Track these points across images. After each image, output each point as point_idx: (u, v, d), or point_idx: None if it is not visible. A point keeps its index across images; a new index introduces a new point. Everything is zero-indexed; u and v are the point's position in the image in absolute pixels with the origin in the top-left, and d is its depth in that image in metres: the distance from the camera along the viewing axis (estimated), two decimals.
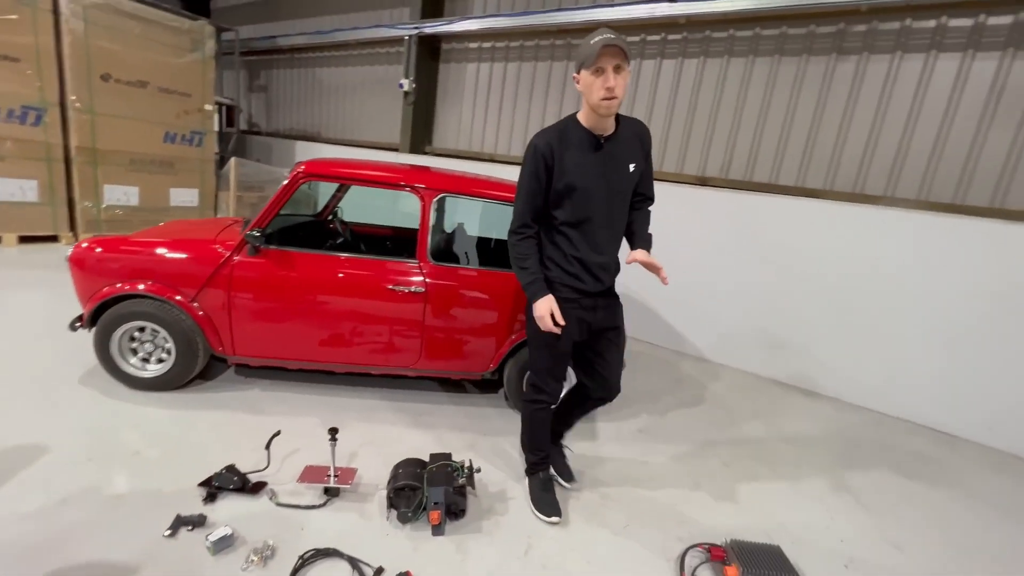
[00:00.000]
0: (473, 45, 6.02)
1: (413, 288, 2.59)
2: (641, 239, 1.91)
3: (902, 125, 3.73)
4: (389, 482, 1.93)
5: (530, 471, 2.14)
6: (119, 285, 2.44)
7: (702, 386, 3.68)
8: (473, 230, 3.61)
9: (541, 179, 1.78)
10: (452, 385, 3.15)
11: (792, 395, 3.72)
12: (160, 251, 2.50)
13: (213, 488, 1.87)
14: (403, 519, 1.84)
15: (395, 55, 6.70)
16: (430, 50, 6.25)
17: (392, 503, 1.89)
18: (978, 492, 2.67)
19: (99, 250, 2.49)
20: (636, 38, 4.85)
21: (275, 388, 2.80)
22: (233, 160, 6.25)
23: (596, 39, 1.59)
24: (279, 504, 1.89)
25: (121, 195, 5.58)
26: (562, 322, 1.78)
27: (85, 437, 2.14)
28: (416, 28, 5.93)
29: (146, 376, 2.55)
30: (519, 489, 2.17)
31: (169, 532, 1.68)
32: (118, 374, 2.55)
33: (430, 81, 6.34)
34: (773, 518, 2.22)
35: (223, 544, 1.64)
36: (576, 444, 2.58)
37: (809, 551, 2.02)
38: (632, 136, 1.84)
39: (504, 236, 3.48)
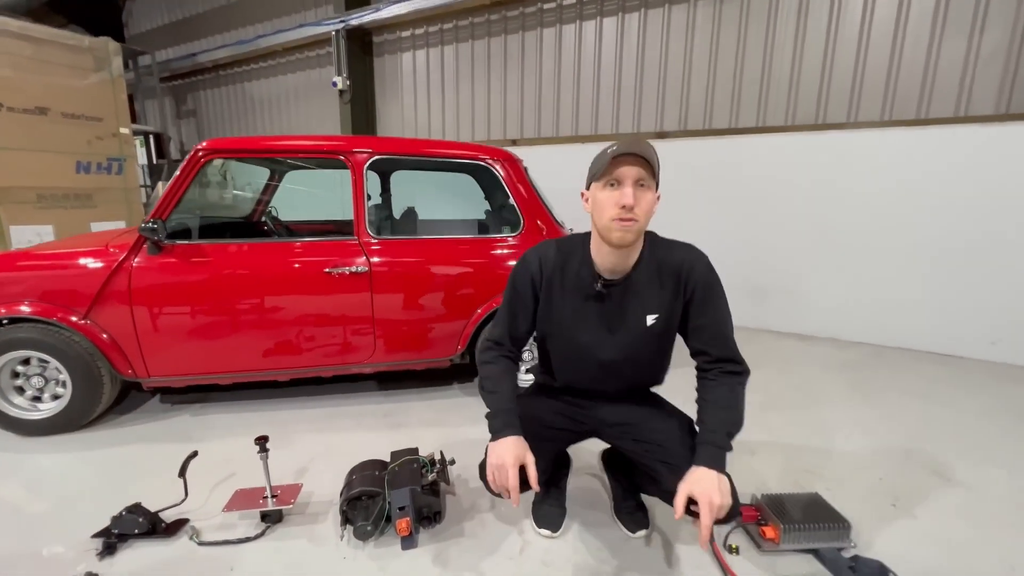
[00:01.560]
0: (405, 33, 5.71)
1: (354, 268, 2.22)
2: (707, 444, 1.21)
3: (854, 47, 3.59)
4: (342, 493, 1.55)
5: None
6: None
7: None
8: (420, 201, 3.25)
9: (527, 304, 1.39)
10: (420, 380, 2.77)
11: (787, 340, 3.50)
12: (38, 263, 2.06)
13: (112, 538, 1.45)
14: (362, 535, 1.46)
15: (326, 57, 6.32)
16: (361, 45, 5.90)
17: (347, 518, 1.50)
18: (1004, 404, 2.46)
19: None
20: (572, 0, 4.63)
21: (209, 411, 2.37)
22: (161, 184, 5.73)
23: (614, 147, 1.18)
24: (201, 543, 1.48)
25: (33, 235, 4.97)
26: (533, 483, 1.23)
27: None
28: (342, 22, 5.57)
29: (38, 418, 2.09)
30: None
31: None
32: (4, 421, 2.07)
33: (366, 77, 5.99)
34: (798, 464, 1.93)
35: None
36: None
37: (848, 494, 1.73)
38: (658, 273, 1.31)
39: (455, 201, 3.16)
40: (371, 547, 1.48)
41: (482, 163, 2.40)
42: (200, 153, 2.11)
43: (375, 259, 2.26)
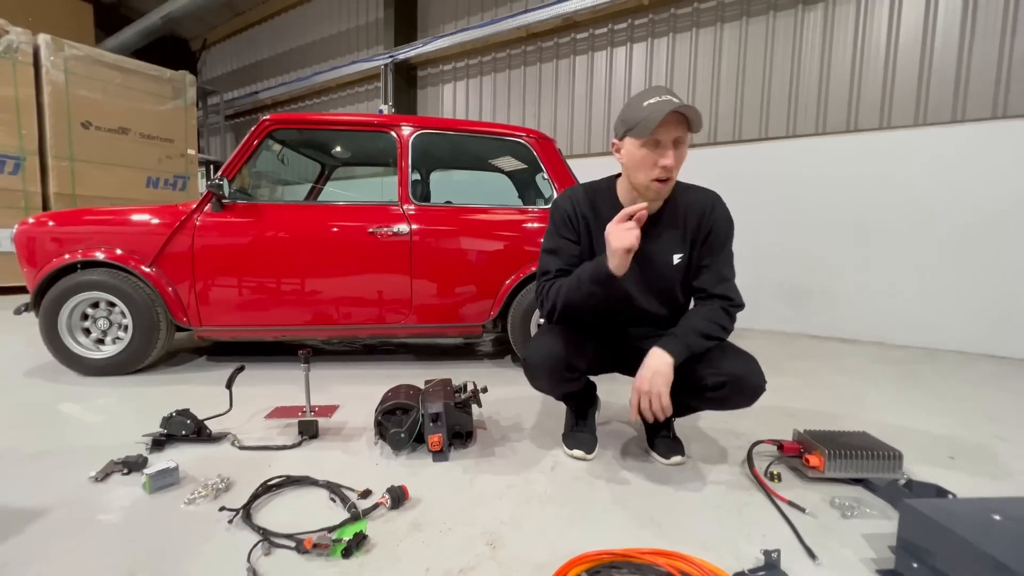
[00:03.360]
0: (447, 67, 6.17)
1: (396, 229, 2.35)
2: (671, 335, 1.30)
3: (882, 58, 3.67)
4: (377, 408, 1.58)
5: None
6: (67, 256, 2.19)
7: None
8: (460, 175, 3.39)
9: (570, 243, 1.41)
10: (452, 355, 2.81)
11: (829, 343, 3.37)
12: (113, 216, 2.27)
13: (161, 436, 1.52)
14: (396, 443, 1.48)
15: (374, 91, 6.87)
16: (407, 79, 6.40)
17: (381, 429, 1.53)
18: None
19: (51, 223, 2.26)
20: (604, 29, 4.96)
21: (250, 368, 2.46)
22: None
23: (653, 100, 1.19)
24: (242, 447, 1.53)
25: None
26: (640, 213, 1.22)
27: (15, 411, 1.80)
28: (390, 56, 6.10)
29: (101, 357, 2.23)
30: (543, 423, 1.80)
31: (97, 476, 1.32)
32: (69, 358, 2.23)
33: (409, 108, 6.45)
34: (848, 423, 1.84)
35: (163, 479, 1.27)
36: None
37: (902, 446, 1.63)
38: (683, 216, 1.38)
39: (490, 198, 3.28)
40: (403, 458, 1.49)
41: (519, 139, 2.54)
42: (267, 123, 2.34)
43: (415, 225, 2.38)
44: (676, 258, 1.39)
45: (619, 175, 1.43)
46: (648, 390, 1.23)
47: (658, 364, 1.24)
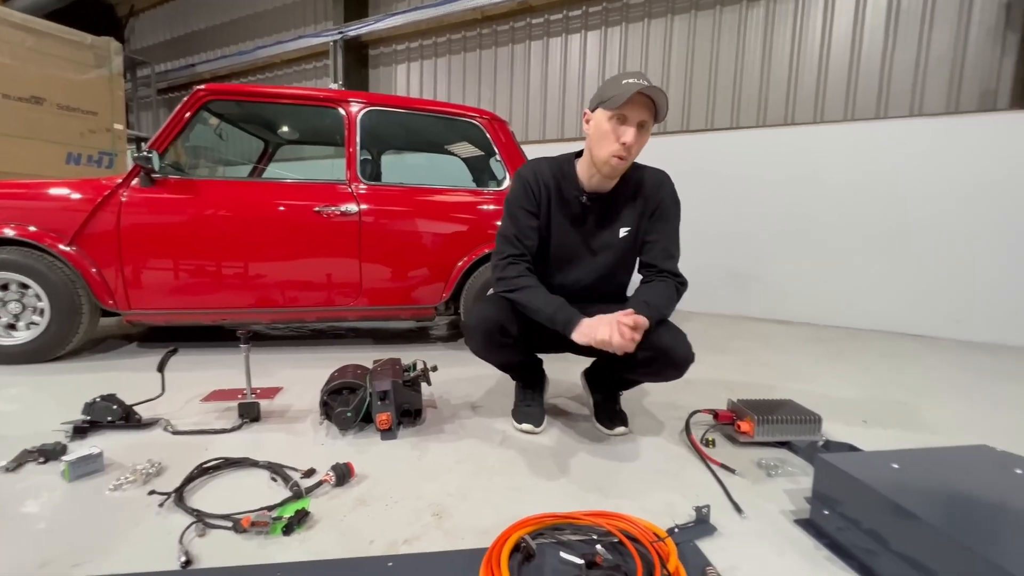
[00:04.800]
0: (401, 47, 6.00)
1: (344, 209, 2.28)
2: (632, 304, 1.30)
3: (816, 57, 3.90)
4: (323, 388, 1.54)
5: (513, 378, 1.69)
6: None
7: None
8: (414, 158, 3.32)
9: (531, 216, 1.41)
10: (404, 339, 2.78)
11: (766, 325, 3.59)
12: (26, 190, 2.07)
13: (83, 423, 1.42)
14: (342, 423, 1.45)
15: (323, 69, 6.58)
16: (358, 58, 6.17)
17: (327, 410, 1.50)
18: (969, 366, 2.56)
19: None
20: (559, 15, 4.96)
21: (187, 353, 2.33)
22: None
23: (631, 81, 1.23)
24: (176, 432, 1.45)
25: None
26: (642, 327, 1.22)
27: None
28: (340, 33, 5.85)
29: (13, 344, 2.05)
30: (494, 401, 1.82)
31: (8, 465, 1.21)
32: None
33: (361, 88, 6.22)
34: (778, 394, 1.97)
35: (84, 467, 1.19)
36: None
37: (822, 412, 1.77)
38: (633, 191, 1.43)
39: (443, 151, 3.21)
40: (350, 438, 1.46)
41: (471, 119, 2.52)
42: (201, 93, 2.19)
43: (365, 204, 2.32)
44: (623, 231, 1.44)
45: (579, 153, 1.45)
46: (632, 321, 1.19)
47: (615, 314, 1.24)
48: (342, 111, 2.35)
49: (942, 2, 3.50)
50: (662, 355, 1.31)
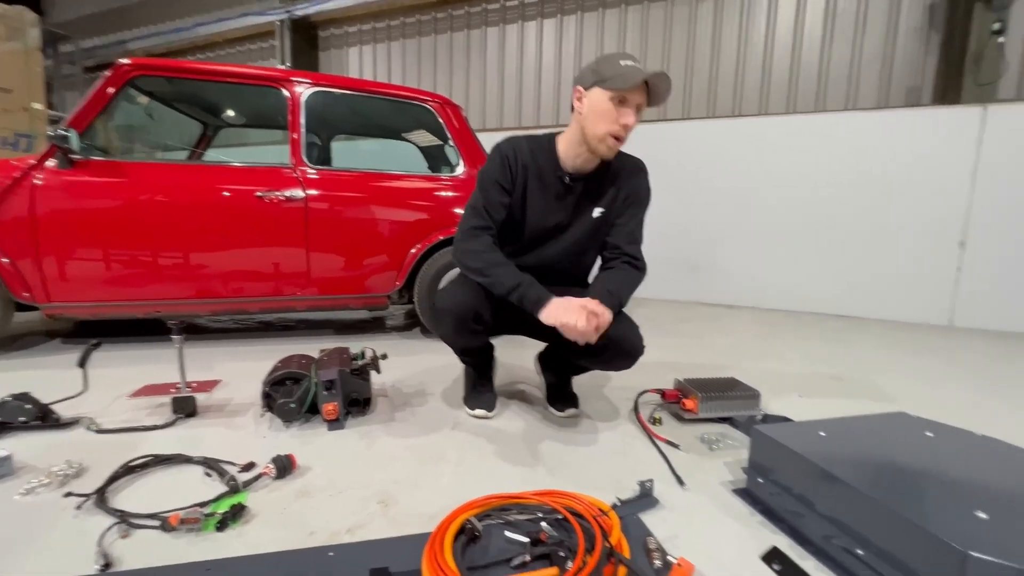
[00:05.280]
0: (352, 29, 5.78)
1: (288, 194, 2.18)
2: (607, 292, 1.30)
3: (761, 53, 4.05)
4: (265, 379, 1.47)
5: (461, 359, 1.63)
6: None
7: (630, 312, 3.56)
8: (368, 144, 3.21)
9: (503, 192, 1.37)
10: (356, 329, 2.71)
11: (714, 309, 3.73)
12: None
13: None
14: (286, 414, 1.40)
15: (269, 50, 6.24)
16: (307, 39, 5.89)
17: (269, 401, 1.43)
18: (895, 342, 2.75)
19: None
20: (515, 1, 4.92)
21: (114, 347, 2.18)
22: None
23: (630, 63, 1.21)
24: (100, 431, 1.35)
25: None
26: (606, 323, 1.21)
27: None
28: (287, 12, 5.57)
29: None
30: (448, 388, 1.80)
31: None
32: None
33: (311, 63, 5.96)
34: (722, 373, 2.06)
35: None
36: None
37: (761, 388, 1.86)
38: (613, 175, 1.43)
39: (395, 137, 3.12)
40: (295, 430, 1.41)
41: (423, 103, 2.46)
42: (126, 68, 2.03)
43: (312, 190, 2.23)
44: (597, 211, 1.43)
45: (558, 134, 1.42)
46: (600, 313, 1.19)
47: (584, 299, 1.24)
48: (285, 92, 2.24)
49: (874, 3, 3.71)
50: (615, 345, 1.31)
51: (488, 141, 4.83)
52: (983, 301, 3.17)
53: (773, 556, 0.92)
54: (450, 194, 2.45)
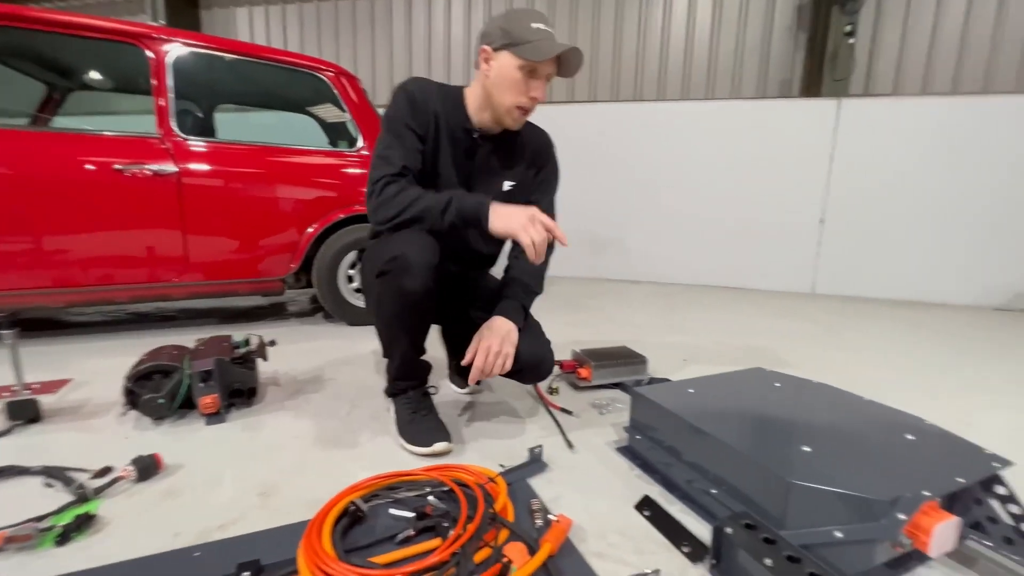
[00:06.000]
0: None
1: (156, 168, 1.94)
2: (509, 299, 1.27)
3: (658, 41, 4.26)
4: (128, 374, 1.32)
5: (391, 391, 1.33)
6: None
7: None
8: (261, 116, 2.93)
9: (414, 136, 1.19)
10: (251, 317, 2.51)
11: (620, 285, 3.95)
12: None
13: None
14: (154, 411, 1.27)
15: (138, 4, 5.45)
16: None
17: (133, 398, 1.29)
18: (776, 310, 3.10)
19: None
20: None
21: None
22: None
23: (541, 27, 1.12)
24: None
25: None
26: (563, 239, 1.10)
27: None
28: None
29: None
30: (345, 372, 1.73)
31: None
32: None
33: (191, 23, 5.30)
34: (619, 343, 2.19)
35: None
36: None
37: (650, 354, 2.01)
38: (521, 147, 1.33)
39: (292, 109, 2.88)
40: (166, 427, 1.28)
41: (316, 72, 2.29)
42: None
43: (188, 164, 2.00)
44: (507, 184, 1.32)
45: (464, 86, 1.27)
46: (499, 351, 1.16)
47: (508, 328, 1.21)
48: (148, 52, 1.97)
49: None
50: (529, 368, 1.26)
51: None
52: (839, 271, 3.67)
53: (644, 504, 1.00)
54: (352, 171, 2.32)
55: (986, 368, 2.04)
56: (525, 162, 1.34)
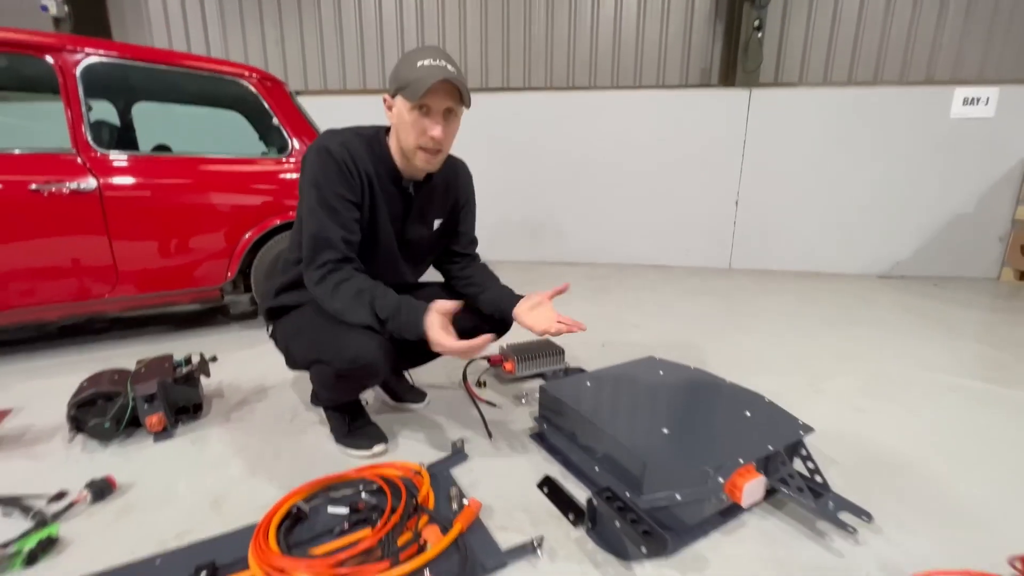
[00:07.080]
0: None
1: (74, 186, 1.92)
2: (509, 296, 1.45)
3: (588, 31, 4.39)
4: (70, 402, 1.39)
5: (320, 405, 1.47)
6: None
7: None
8: (183, 111, 2.85)
9: (349, 201, 1.18)
10: (190, 324, 2.54)
11: (557, 267, 4.18)
12: None
13: None
14: (101, 435, 1.35)
15: None
16: None
17: (77, 422, 1.37)
18: (695, 288, 3.43)
19: None
20: None
21: None
22: None
23: (427, 63, 1.10)
24: None
25: None
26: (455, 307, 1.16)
27: None
28: None
29: None
30: (289, 380, 1.85)
31: None
32: None
33: (96, 6, 4.88)
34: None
35: None
36: None
37: (569, 343, 2.24)
38: (445, 184, 1.38)
39: (224, 141, 2.86)
40: (114, 448, 1.38)
41: (237, 79, 2.28)
42: None
43: (108, 178, 1.98)
44: (437, 222, 1.41)
45: (386, 131, 1.29)
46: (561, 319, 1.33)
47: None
48: (55, 64, 1.91)
49: None
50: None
51: (331, 105, 4.60)
52: (751, 248, 4.05)
53: (544, 483, 1.22)
54: (287, 176, 2.36)
55: (846, 334, 2.42)
56: (451, 199, 1.42)
